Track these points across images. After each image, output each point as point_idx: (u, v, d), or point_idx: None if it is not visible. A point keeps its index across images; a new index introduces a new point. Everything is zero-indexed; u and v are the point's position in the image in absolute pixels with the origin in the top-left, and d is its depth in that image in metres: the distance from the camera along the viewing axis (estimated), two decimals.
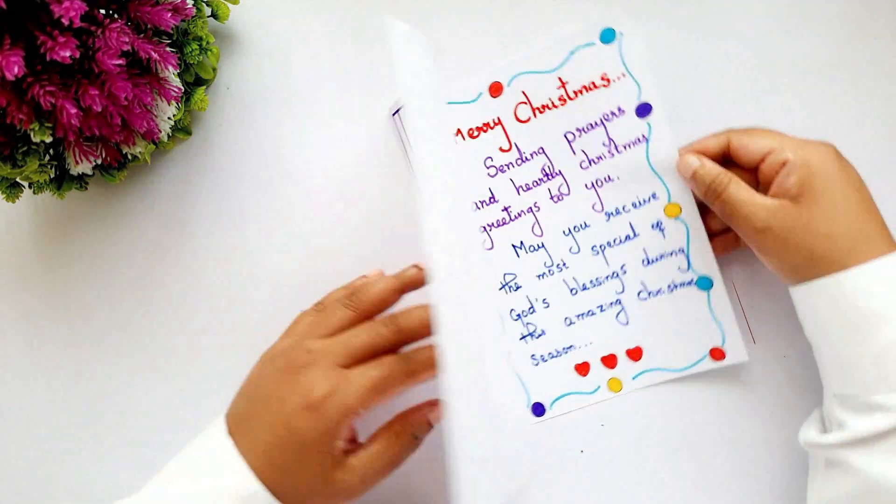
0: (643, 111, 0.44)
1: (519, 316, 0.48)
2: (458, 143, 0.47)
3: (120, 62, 0.35)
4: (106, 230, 0.49)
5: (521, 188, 0.47)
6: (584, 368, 0.47)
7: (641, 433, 0.47)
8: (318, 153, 0.48)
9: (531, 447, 0.47)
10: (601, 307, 0.47)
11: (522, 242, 0.47)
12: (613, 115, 0.45)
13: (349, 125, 0.48)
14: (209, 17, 0.45)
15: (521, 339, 0.48)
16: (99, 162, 0.42)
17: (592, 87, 0.45)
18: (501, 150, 0.46)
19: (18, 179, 0.42)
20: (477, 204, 0.47)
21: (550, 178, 0.46)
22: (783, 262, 0.41)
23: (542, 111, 0.46)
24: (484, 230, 0.47)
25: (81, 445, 0.49)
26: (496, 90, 0.46)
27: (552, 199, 0.47)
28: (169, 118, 0.43)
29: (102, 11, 0.35)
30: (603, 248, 0.47)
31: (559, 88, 0.45)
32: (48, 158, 0.41)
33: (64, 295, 0.49)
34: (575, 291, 0.47)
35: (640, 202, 0.46)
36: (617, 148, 0.45)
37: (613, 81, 0.44)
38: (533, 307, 0.47)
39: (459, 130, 0.47)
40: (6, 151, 0.38)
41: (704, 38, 0.48)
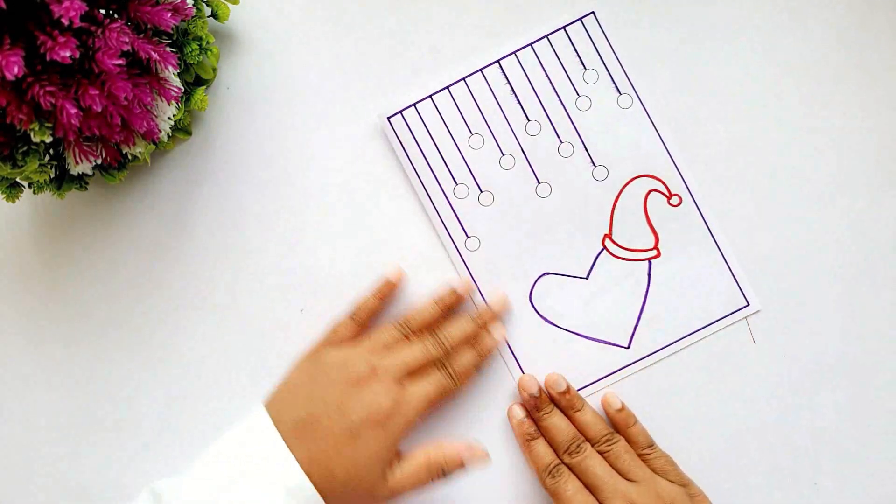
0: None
1: None
2: None
3: (120, 62, 0.35)
4: (106, 230, 0.49)
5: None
6: None
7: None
8: (317, 153, 0.48)
9: None
10: None
11: None
12: None
13: (349, 125, 0.48)
14: (209, 17, 0.45)
15: None
16: (99, 162, 0.42)
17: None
18: None
19: (18, 179, 0.42)
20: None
21: None
22: None
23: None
24: None
25: (81, 445, 0.49)
26: None
27: None
28: (169, 118, 0.43)
29: (102, 11, 0.35)
30: None
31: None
32: (48, 158, 0.41)
33: (64, 295, 0.49)
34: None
35: None
36: None
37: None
38: None
39: None
40: (6, 151, 0.38)
41: (704, 37, 0.48)
